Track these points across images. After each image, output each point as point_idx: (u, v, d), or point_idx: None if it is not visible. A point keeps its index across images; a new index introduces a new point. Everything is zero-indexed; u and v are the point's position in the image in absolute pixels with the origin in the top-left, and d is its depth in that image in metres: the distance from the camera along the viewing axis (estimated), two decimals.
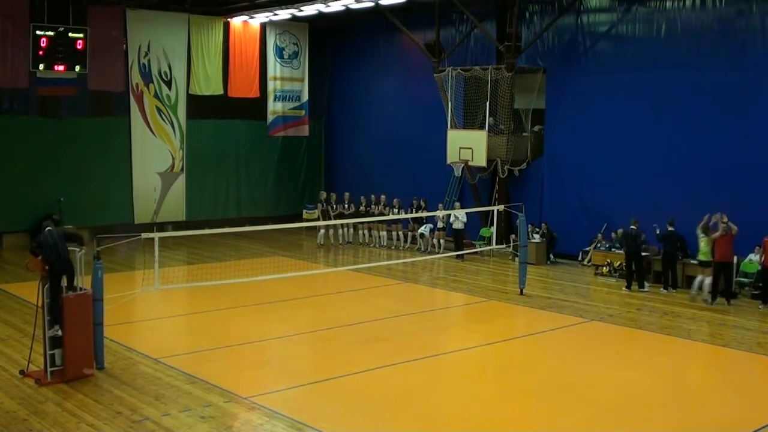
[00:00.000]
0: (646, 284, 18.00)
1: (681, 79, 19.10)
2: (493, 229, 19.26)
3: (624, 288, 17.90)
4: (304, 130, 27.86)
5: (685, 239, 17.65)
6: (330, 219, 23.17)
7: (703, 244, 16.24)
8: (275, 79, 26.94)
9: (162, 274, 13.20)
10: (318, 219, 23.47)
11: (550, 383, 11.43)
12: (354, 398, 10.66)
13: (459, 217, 21.62)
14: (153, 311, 15.44)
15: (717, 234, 16.27)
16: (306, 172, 28.74)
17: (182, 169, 25.49)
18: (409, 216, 22.59)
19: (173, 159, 25.29)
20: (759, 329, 14.63)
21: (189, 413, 9.83)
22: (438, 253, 21.87)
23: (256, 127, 26.94)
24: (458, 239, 21.62)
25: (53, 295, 10.88)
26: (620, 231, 19.32)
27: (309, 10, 23.10)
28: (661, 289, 17.80)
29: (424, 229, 22.70)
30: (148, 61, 24.37)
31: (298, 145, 28.27)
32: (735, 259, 17.24)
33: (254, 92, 26.27)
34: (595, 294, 17.66)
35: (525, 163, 22.36)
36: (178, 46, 24.82)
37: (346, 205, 23.96)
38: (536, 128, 22.71)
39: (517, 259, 18.84)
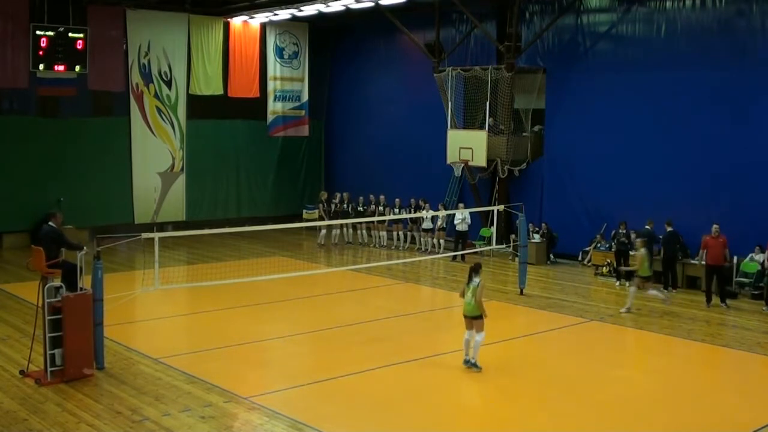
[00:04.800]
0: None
1: (681, 79, 19.09)
2: (493, 229, 19.25)
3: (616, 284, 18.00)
4: (304, 130, 27.88)
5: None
6: (330, 219, 23.16)
7: (470, 294, 11.69)
8: (275, 79, 26.96)
9: (162, 274, 13.19)
10: (319, 219, 23.44)
11: (550, 383, 11.43)
12: (354, 398, 10.66)
13: (464, 218, 21.57)
14: (153, 311, 15.44)
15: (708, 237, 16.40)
16: (306, 172, 28.75)
17: (182, 169, 25.49)
18: (408, 216, 22.57)
19: (173, 159, 25.30)
20: (759, 329, 14.63)
21: (189, 413, 9.83)
22: (438, 253, 21.86)
23: (256, 127, 26.95)
24: (460, 241, 21.55)
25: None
26: (614, 232, 19.31)
27: (309, 10, 23.09)
28: (661, 288, 17.79)
29: (428, 223, 22.49)
30: (148, 61, 24.38)
31: (298, 145, 28.27)
32: (735, 260, 17.30)
33: (254, 92, 26.29)
34: (595, 294, 17.66)
35: (525, 163, 22.35)
36: (178, 46, 24.83)
37: (346, 205, 23.96)
38: (536, 128, 22.70)
39: (517, 259, 18.84)
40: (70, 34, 22.02)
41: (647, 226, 17.81)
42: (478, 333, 11.62)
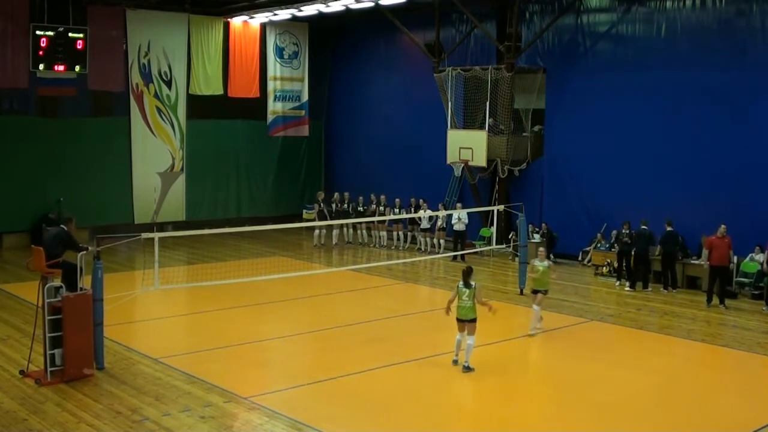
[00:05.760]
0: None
1: (681, 79, 19.09)
2: (493, 229, 19.25)
3: (627, 288, 17.88)
4: (304, 130, 27.89)
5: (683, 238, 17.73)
6: (329, 219, 23.14)
7: (466, 297, 11.72)
8: (275, 79, 26.97)
9: (162, 274, 13.19)
10: (315, 219, 23.45)
11: (550, 383, 11.43)
12: (354, 398, 10.66)
13: (461, 218, 21.59)
14: (153, 311, 15.44)
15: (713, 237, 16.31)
16: (306, 172, 28.74)
17: (182, 169, 25.50)
18: (408, 216, 22.57)
19: (173, 159, 25.30)
20: (759, 329, 14.64)
21: (189, 413, 9.83)
22: (438, 253, 21.86)
23: (256, 127, 26.95)
24: (459, 240, 21.56)
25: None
26: (614, 232, 19.30)
27: (309, 10, 23.10)
28: (661, 289, 17.80)
29: (426, 223, 22.49)
30: (148, 61, 24.38)
31: (298, 145, 28.27)
32: (735, 260, 17.28)
33: (254, 92, 26.29)
34: (595, 294, 17.66)
35: (525, 163, 22.35)
36: (178, 46, 24.83)
37: (346, 205, 23.96)
38: (536, 128, 22.71)
39: (517, 259, 18.83)
40: (70, 34, 22.00)
41: (643, 226, 17.81)
42: (470, 336, 11.63)
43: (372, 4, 21.59)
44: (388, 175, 25.73)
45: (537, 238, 20.97)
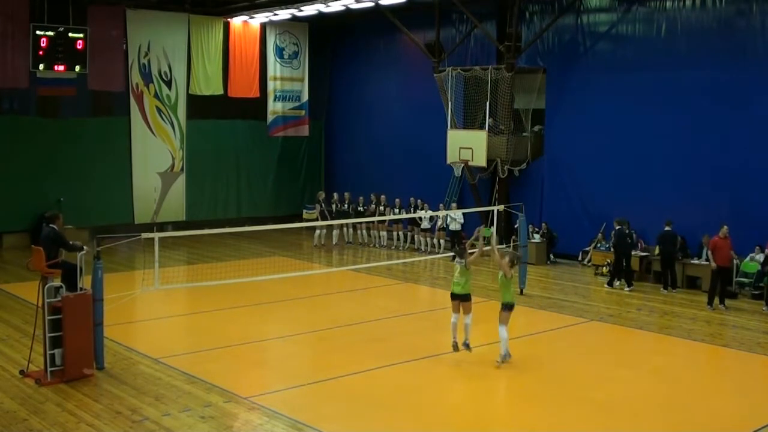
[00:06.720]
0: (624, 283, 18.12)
1: (681, 79, 19.09)
2: (493, 229, 19.23)
3: (626, 288, 17.87)
4: (304, 130, 27.89)
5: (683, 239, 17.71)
6: (330, 219, 23.16)
7: (458, 274, 11.95)
8: (275, 79, 26.97)
9: (162, 274, 13.20)
10: (317, 219, 23.47)
11: (550, 383, 11.43)
12: (354, 398, 10.66)
13: (456, 218, 21.60)
14: (153, 311, 15.44)
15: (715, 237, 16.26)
16: (306, 172, 28.74)
17: (182, 169, 25.50)
18: (408, 216, 22.58)
19: (173, 159, 25.31)
20: (759, 329, 14.63)
21: (189, 413, 9.83)
22: (438, 253, 21.86)
23: (256, 127, 26.95)
24: (456, 240, 21.57)
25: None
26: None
27: (309, 10, 23.11)
28: (661, 289, 17.80)
29: (427, 223, 22.54)
30: (148, 61, 24.38)
31: (298, 145, 28.27)
32: (734, 262, 17.27)
33: (254, 92, 26.30)
34: (595, 294, 17.67)
35: (525, 163, 22.35)
36: (178, 46, 24.84)
37: (346, 205, 23.97)
38: (536, 128, 22.71)
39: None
40: (70, 34, 22.01)
41: (617, 226, 17.79)
42: (466, 315, 11.99)
43: (372, 4, 21.60)
44: (388, 175, 25.73)
45: (537, 238, 20.98)
